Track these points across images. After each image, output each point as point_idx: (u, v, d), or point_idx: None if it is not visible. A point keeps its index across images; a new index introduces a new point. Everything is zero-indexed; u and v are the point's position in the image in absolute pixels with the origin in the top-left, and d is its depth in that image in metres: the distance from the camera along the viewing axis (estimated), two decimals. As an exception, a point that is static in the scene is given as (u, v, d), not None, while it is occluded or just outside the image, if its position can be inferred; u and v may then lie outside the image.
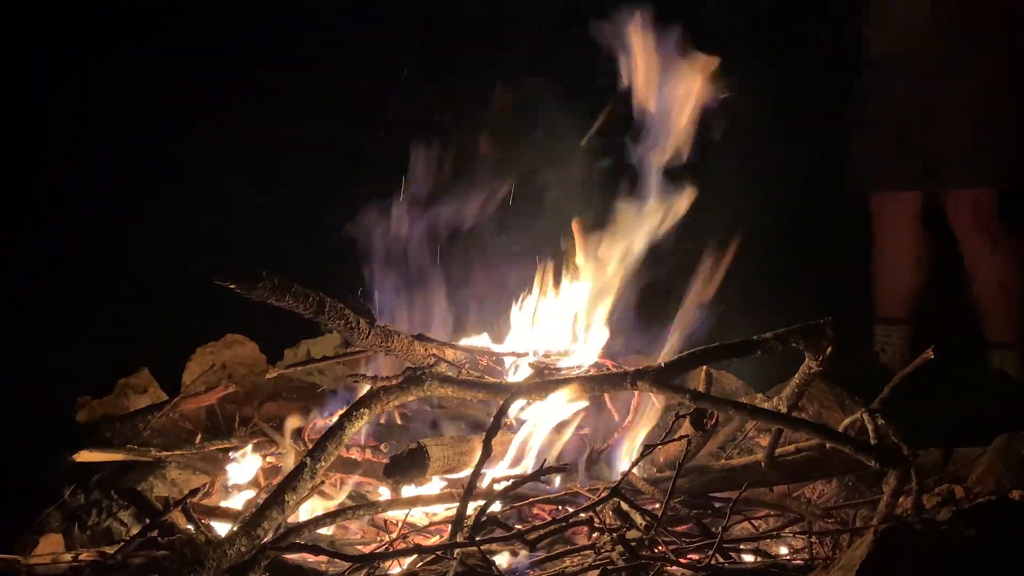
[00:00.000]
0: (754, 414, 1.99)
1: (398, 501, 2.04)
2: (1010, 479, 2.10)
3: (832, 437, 1.83)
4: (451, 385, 2.11)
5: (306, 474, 1.82)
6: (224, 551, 1.64)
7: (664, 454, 2.29)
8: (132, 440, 2.55)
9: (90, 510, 2.24)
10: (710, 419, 2.02)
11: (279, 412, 2.98)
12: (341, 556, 1.70)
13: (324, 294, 1.83)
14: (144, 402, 2.78)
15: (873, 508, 1.99)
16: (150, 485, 2.35)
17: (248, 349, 3.14)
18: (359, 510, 1.97)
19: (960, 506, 1.47)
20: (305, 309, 1.79)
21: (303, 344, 3.33)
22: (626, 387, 1.99)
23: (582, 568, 1.69)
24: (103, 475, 2.37)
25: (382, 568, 1.74)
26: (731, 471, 2.19)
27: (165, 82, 4.26)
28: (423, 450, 2.05)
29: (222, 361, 3.03)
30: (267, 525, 1.73)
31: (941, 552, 1.22)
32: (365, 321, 1.96)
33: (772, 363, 2.15)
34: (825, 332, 1.91)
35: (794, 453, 2.17)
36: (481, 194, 2.85)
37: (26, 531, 2.13)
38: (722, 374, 2.94)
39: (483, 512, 1.79)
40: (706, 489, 2.18)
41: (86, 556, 1.93)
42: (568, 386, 2.12)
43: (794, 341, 1.91)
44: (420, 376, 2.08)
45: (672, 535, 1.84)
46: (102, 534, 2.20)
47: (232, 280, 1.61)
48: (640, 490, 2.08)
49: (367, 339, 1.98)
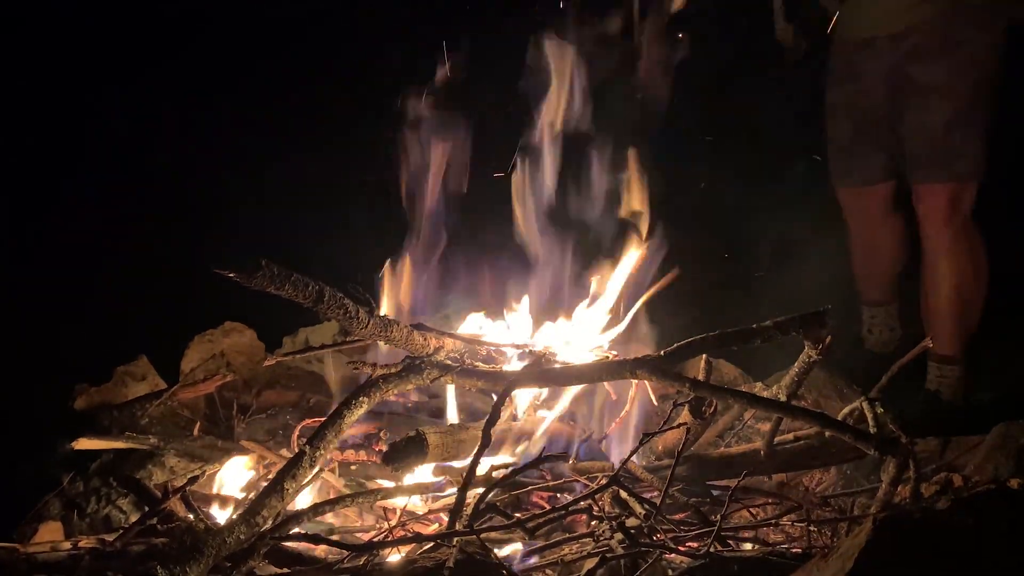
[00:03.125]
0: (753, 402, 1.98)
1: (398, 488, 2.04)
2: (1008, 467, 2.10)
3: (831, 425, 1.82)
4: (450, 373, 2.10)
5: (305, 462, 1.82)
6: (223, 539, 1.64)
7: (663, 442, 2.30)
8: (130, 428, 2.55)
9: (89, 498, 2.24)
10: (709, 407, 2.02)
11: (278, 400, 2.99)
12: (340, 545, 1.70)
13: (324, 283, 1.82)
14: (142, 390, 2.78)
15: (871, 496, 2.00)
16: (149, 473, 2.35)
17: (247, 337, 3.13)
18: (358, 497, 1.97)
19: (958, 495, 1.47)
20: (304, 298, 1.78)
21: (302, 332, 3.33)
22: (626, 376, 1.98)
23: (581, 556, 1.70)
24: (102, 463, 2.37)
25: (381, 556, 1.74)
26: (730, 459, 2.20)
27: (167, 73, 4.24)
28: (422, 437, 2.05)
29: (220, 349, 3.03)
30: (266, 513, 1.73)
31: (939, 541, 1.22)
32: (364, 311, 1.95)
33: (771, 353, 2.16)
34: (824, 321, 1.91)
35: (793, 441, 2.18)
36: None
37: (25, 519, 2.14)
38: (720, 362, 2.95)
39: (482, 500, 1.79)
40: (705, 477, 2.18)
41: (85, 543, 1.94)
42: (567, 375, 2.13)
43: (793, 330, 1.91)
44: (419, 365, 2.08)
45: (671, 523, 1.84)
46: (101, 522, 2.21)
47: (231, 269, 1.60)
48: (639, 478, 2.08)
49: (366, 328, 1.97)
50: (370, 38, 4.31)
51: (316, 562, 1.80)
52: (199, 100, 4.17)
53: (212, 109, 4.09)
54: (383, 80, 3.52)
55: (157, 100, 4.20)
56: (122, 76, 4.18)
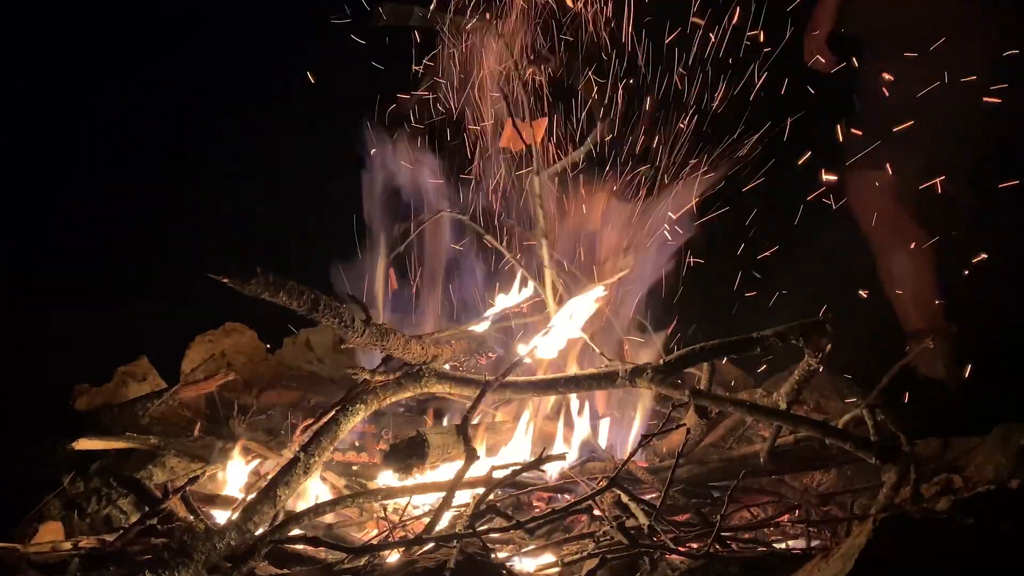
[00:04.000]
0: (753, 411, 1.98)
1: (399, 489, 2.04)
2: (1008, 468, 2.10)
3: (832, 434, 1.83)
4: (448, 381, 2.10)
5: (299, 468, 1.82)
6: (214, 544, 1.65)
7: (666, 444, 2.30)
8: (131, 428, 2.55)
9: (89, 498, 2.24)
10: (714, 407, 2.02)
11: (278, 401, 2.99)
12: (340, 548, 1.71)
13: (319, 291, 1.82)
14: (143, 390, 2.78)
15: (871, 496, 2.00)
16: (149, 473, 2.35)
17: (247, 337, 3.14)
18: (358, 498, 1.97)
19: (959, 495, 1.47)
20: (299, 306, 1.78)
21: (303, 333, 3.34)
22: (625, 384, 1.98)
23: (581, 556, 1.70)
24: (102, 463, 2.37)
25: (381, 556, 1.74)
26: (730, 461, 2.19)
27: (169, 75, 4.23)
28: (422, 438, 2.05)
29: (221, 349, 3.04)
30: (258, 519, 1.74)
31: (940, 542, 1.22)
32: (360, 320, 1.95)
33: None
34: (824, 329, 1.91)
35: (793, 444, 2.18)
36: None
37: (25, 519, 2.14)
38: (721, 364, 2.94)
39: (482, 500, 1.79)
40: (705, 479, 2.18)
41: (85, 543, 1.94)
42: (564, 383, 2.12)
43: (793, 338, 1.91)
44: (418, 372, 2.08)
45: (671, 524, 1.84)
46: (102, 522, 2.20)
47: (226, 275, 1.60)
48: (640, 479, 2.08)
49: (361, 337, 1.96)
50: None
51: (316, 562, 1.80)
52: (200, 100, 4.16)
53: (213, 109, 4.09)
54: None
55: (158, 100, 4.19)
56: (123, 76, 4.18)
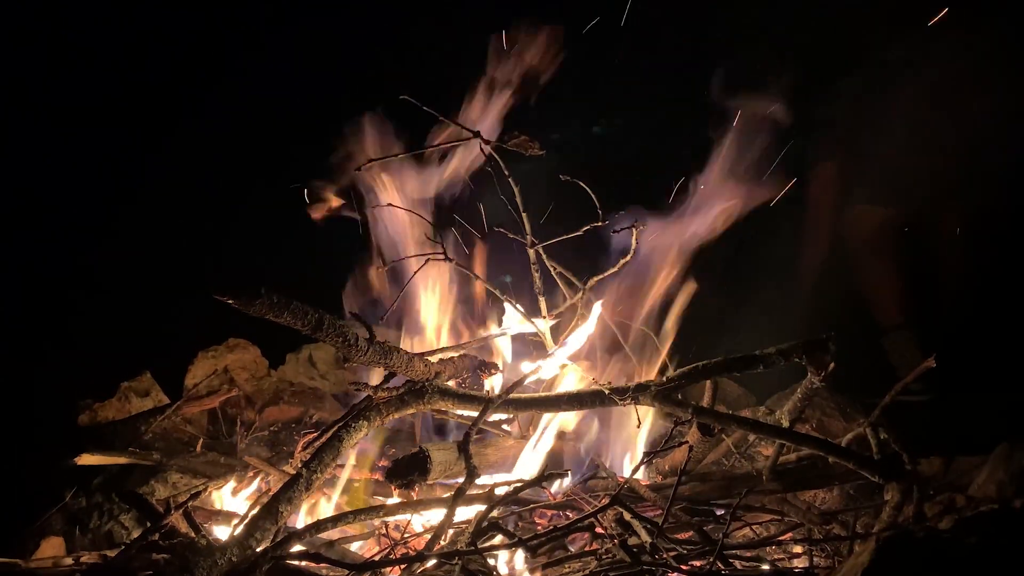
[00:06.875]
0: (756, 429, 1.98)
1: (401, 505, 2.04)
2: (1011, 488, 2.09)
3: (835, 452, 1.83)
4: (451, 398, 2.10)
5: (301, 485, 1.82)
6: (215, 560, 1.64)
7: (670, 461, 2.30)
8: (134, 443, 2.55)
9: (91, 513, 2.24)
10: (717, 424, 2.02)
11: (280, 416, 3.00)
12: (342, 564, 1.70)
13: (323, 311, 1.82)
14: (146, 405, 2.79)
15: (873, 514, 1.99)
16: (152, 488, 2.35)
17: (250, 353, 3.14)
18: (360, 514, 1.96)
19: (962, 514, 1.47)
20: (303, 326, 1.78)
21: (305, 349, 3.34)
22: (627, 402, 1.98)
23: (584, 574, 1.69)
24: (104, 478, 2.37)
25: (383, 573, 1.74)
26: (733, 479, 2.19)
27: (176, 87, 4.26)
28: (425, 455, 2.05)
29: (224, 365, 3.04)
30: (259, 535, 1.73)
31: (943, 561, 1.22)
32: (364, 339, 1.95)
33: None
34: (827, 347, 1.91)
35: (796, 462, 2.17)
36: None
37: (27, 533, 2.14)
38: (723, 381, 2.95)
39: (484, 517, 1.79)
40: (708, 496, 2.17)
41: (87, 559, 1.94)
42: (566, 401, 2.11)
43: (796, 356, 1.91)
44: (421, 389, 2.07)
45: (673, 542, 1.83)
46: (103, 537, 2.21)
47: (231, 295, 1.59)
48: (642, 496, 2.08)
49: (365, 356, 1.96)
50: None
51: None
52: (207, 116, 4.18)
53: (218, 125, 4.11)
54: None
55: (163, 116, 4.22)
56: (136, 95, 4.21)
